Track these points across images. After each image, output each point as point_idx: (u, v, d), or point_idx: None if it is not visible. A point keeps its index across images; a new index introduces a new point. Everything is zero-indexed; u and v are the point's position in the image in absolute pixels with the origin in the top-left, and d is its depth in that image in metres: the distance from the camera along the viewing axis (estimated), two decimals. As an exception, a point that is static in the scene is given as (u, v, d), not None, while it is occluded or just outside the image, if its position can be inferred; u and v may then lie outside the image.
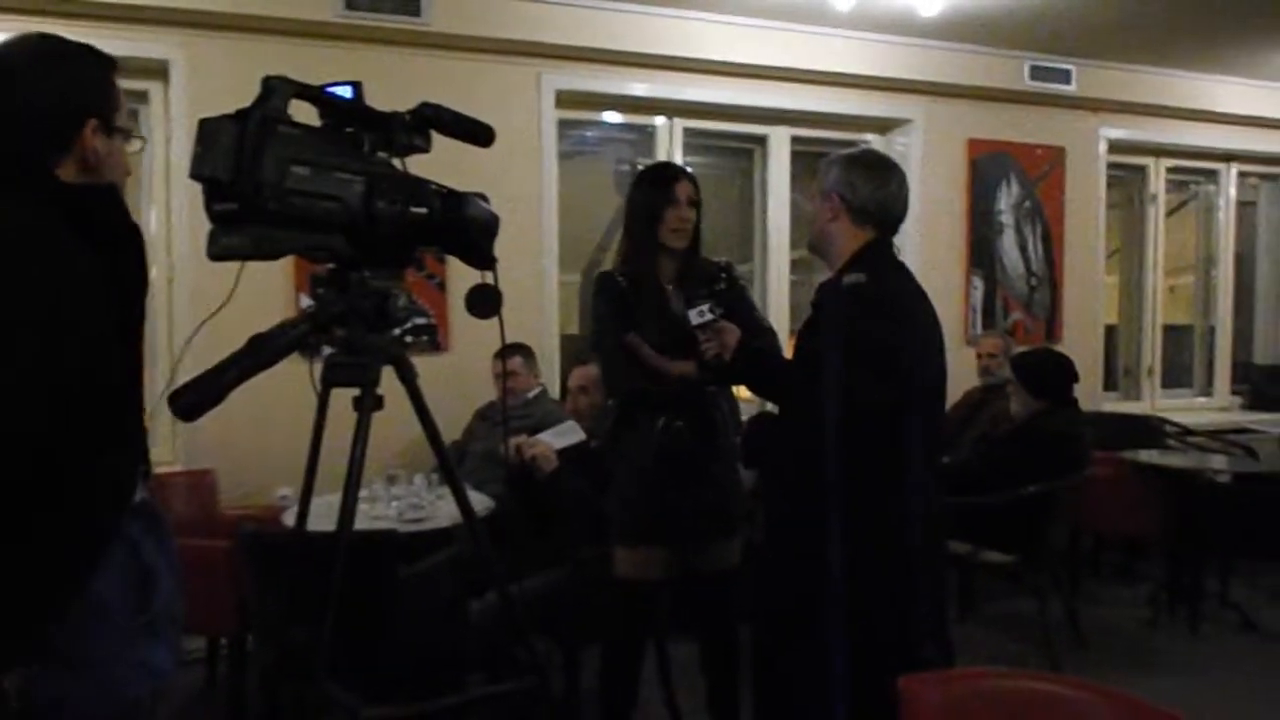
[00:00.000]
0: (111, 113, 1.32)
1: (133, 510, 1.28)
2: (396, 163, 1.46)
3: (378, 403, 1.40)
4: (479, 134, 1.51)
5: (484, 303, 1.48)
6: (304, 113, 1.41)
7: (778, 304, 5.10)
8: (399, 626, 2.63)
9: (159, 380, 3.97)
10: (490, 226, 1.45)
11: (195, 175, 1.20)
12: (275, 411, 3.33)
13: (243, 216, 1.18)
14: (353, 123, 1.39)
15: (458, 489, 1.62)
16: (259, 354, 1.21)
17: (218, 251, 1.20)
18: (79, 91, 1.30)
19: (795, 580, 2.14)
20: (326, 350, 1.45)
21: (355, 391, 1.40)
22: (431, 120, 1.43)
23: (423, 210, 1.37)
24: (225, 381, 1.17)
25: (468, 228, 1.41)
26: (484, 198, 1.47)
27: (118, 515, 1.25)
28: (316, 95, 1.34)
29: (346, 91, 1.37)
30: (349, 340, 1.38)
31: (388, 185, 1.34)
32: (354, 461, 1.39)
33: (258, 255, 1.20)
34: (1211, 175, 6.35)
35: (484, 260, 1.46)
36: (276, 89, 1.23)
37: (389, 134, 1.40)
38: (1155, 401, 6.16)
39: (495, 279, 1.48)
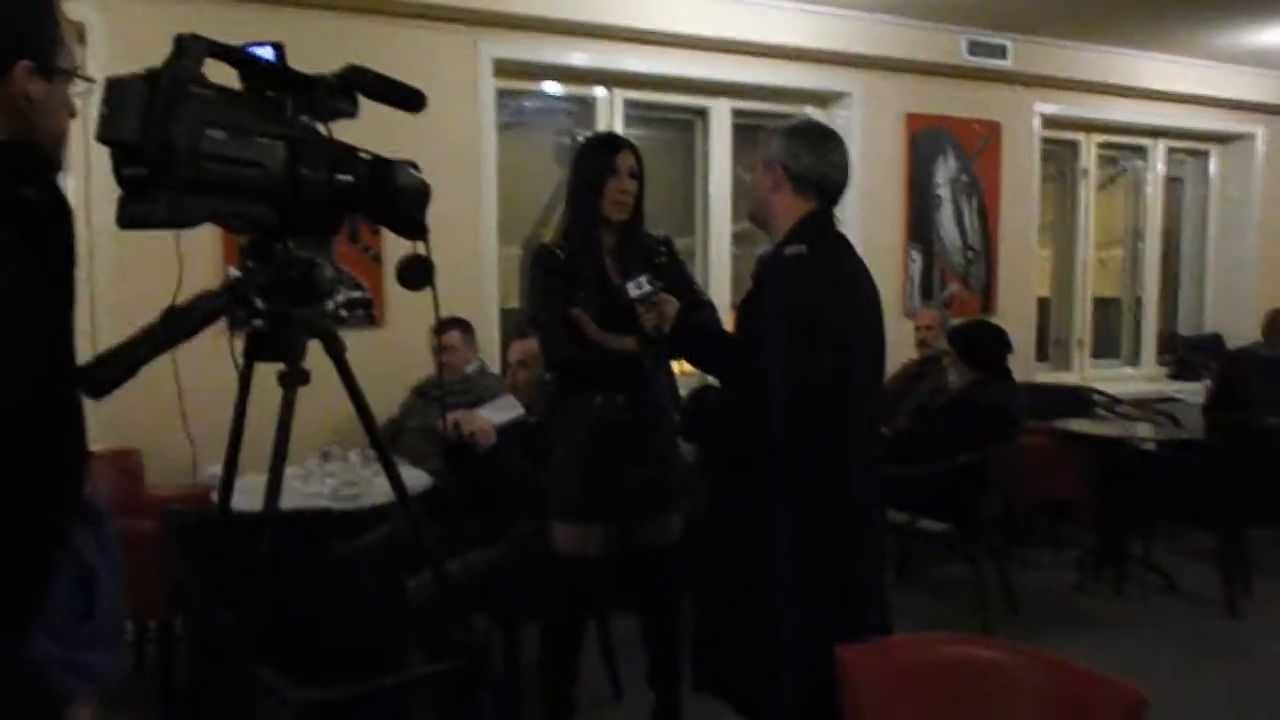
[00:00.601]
0: (49, 51, 1.13)
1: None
2: (321, 129, 1.40)
3: (303, 378, 1.35)
4: (408, 99, 1.45)
5: (416, 274, 1.43)
6: (225, 77, 1.34)
7: (719, 277, 5.09)
8: (333, 606, 2.58)
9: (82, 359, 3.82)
10: (420, 195, 1.40)
11: (101, 138, 1.12)
12: (204, 387, 3.23)
13: (154, 182, 1.09)
14: (275, 86, 1.32)
15: (389, 465, 1.58)
16: (174, 327, 1.14)
17: (128, 220, 1.12)
18: (4, 27, 1.10)
19: (741, 552, 2.14)
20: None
21: (281, 366, 1.34)
22: (358, 83, 1.37)
23: (349, 178, 1.32)
24: (137, 356, 1.11)
25: (397, 196, 1.36)
26: (415, 165, 1.41)
27: (68, 511, 1.19)
28: (235, 55, 1.27)
29: (268, 52, 1.31)
30: (273, 313, 1.32)
31: (312, 151, 1.28)
32: (280, 439, 1.34)
33: (171, 223, 1.13)
34: (1140, 151, 6.49)
35: (415, 230, 1.41)
36: (189, 48, 1.15)
37: (313, 98, 1.33)
38: (1085, 372, 6.31)
39: (427, 249, 1.44)
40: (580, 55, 4.55)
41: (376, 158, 1.39)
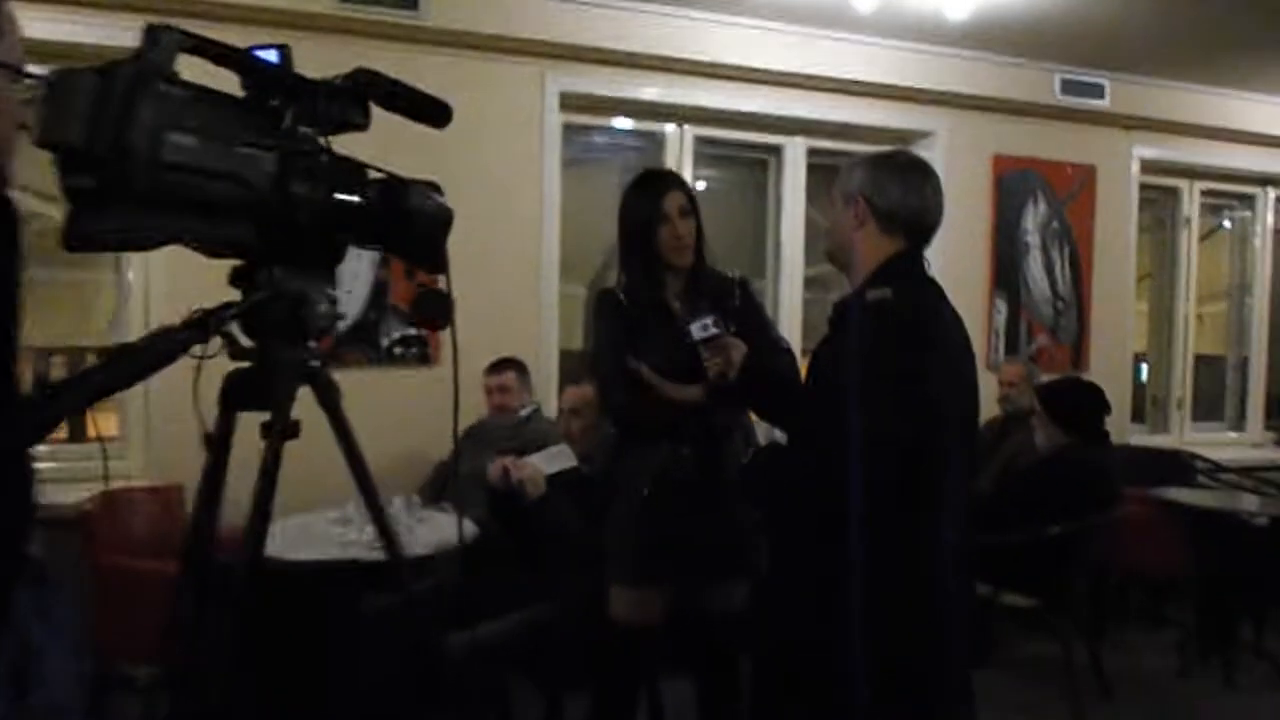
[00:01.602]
0: None
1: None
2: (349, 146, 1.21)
3: (291, 430, 1.15)
4: (430, 112, 1.25)
5: (433, 311, 1.23)
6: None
7: (790, 324, 4.84)
8: (358, 665, 2.41)
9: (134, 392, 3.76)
10: (438, 222, 1.20)
11: (40, 142, 0.93)
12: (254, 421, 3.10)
13: (106, 195, 0.92)
14: (276, 92, 1.15)
15: (385, 529, 1.37)
16: (121, 368, 0.96)
17: (74, 240, 0.93)
18: None
19: (806, 630, 1.89)
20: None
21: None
22: (369, 90, 1.19)
23: (353, 198, 1.13)
24: (62, 404, 0.92)
25: (409, 221, 1.17)
26: (437, 188, 1.22)
27: (8, 577, 0.99)
28: (225, 54, 1.09)
29: (270, 55, 1.13)
30: (257, 353, 1.13)
31: (309, 166, 1.09)
32: (260, 497, 1.13)
33: (125, 244, 0.95)
34: (1247, 200, 6.07)
35: (431, 261, 1.21)
36: (160, 38, 0.97)
37: (315, 105, 1.15)
38: (1184, 435, 5.87)
39: (448, 283, 1.24)
40: (650, 89, 4.39)
41: (390, 177, 1.20)
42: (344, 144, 1.27)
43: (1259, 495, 4.85)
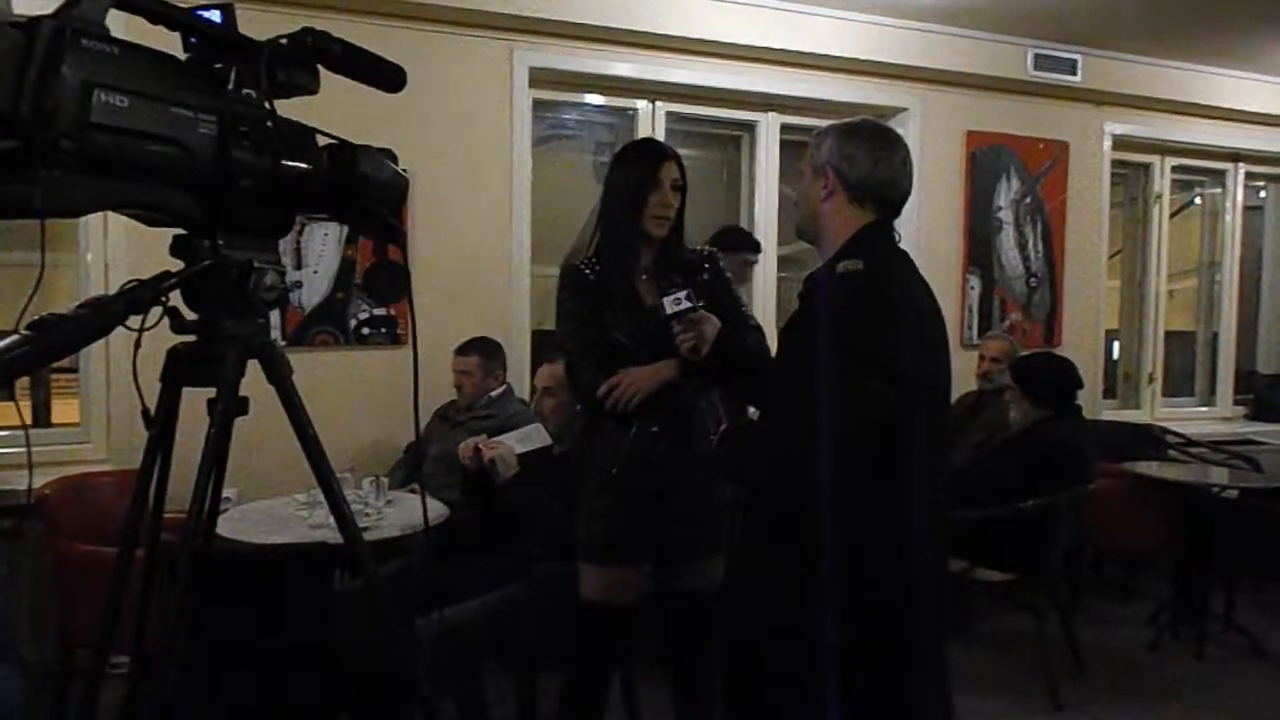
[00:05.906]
0: None
1: None
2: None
3: (240, 407, 1.10)
4: (383, 75, 1.20)
5: (388, 283, 1.19)
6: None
7: (764, 302, 4.82)
8: (330, 648, 2.37)
9: (95, 378, 3.68)
10: (391, 190, 1.14)
11: None
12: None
13: (28, 158, 0.86)
14: (220, 54, 1.09)
15: (337, 506, 1.32)
16: (47, 340, 0.90)
17: None
18: None
19: (779, 608, 1.87)
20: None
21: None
22: (317, 52, 1.13)
23: (301, 165, 1.07)
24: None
25: (360, 189, 1.11)
26: (391, 155, 1.17)
27: None
28: (160, 11, 1.03)
29: (213, 15, 1.08)
30: (201, 327, 1.08)
31: (252, 130, 1.03)
32: (203, 475, 1.09)
33: (50, 212, 0.89)
34: (1218, 175, 6.10)
35: (384, 231, 1.16)
36: (86, -9, 0.92)
37: (259, 67, 1.09)
38: (1155, 410, 5.91)
39: (404, 254, 1.19)
40: (622, 65, 4.33)
41: (341, 143, 1.14)
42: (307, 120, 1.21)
43: (1229, 468, 4.89)
